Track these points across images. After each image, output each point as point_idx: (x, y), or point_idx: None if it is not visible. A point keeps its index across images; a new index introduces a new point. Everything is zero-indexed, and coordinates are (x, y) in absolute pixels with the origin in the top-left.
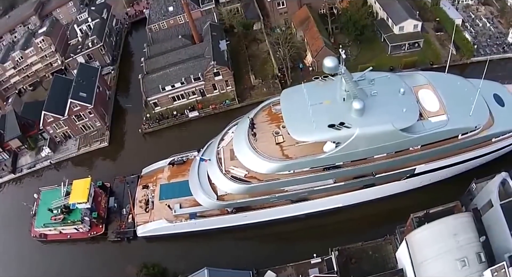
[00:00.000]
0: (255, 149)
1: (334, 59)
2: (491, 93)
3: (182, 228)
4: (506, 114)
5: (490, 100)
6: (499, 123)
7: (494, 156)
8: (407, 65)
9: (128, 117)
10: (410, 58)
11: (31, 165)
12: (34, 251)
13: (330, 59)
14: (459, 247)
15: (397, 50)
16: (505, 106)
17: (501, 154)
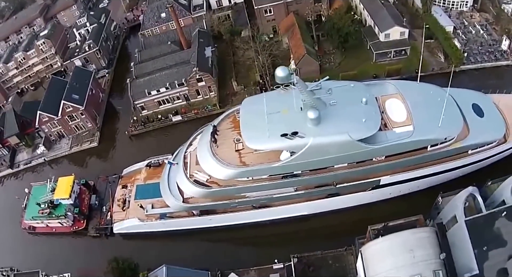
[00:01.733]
0: (215, 155)
1: (285, 68)
2: (470, 103)
3: (152, 227)
4: (484, 125)
5: (467, 110)
6: (476, 135)
7: (475, 168)
8: (391, 73)
9: (118, 119)
10: (394, 66)
11: (27, 161)
12: (24, 242)
13: (281, 69)
14: (414, 263)
15: (383, 57)
16: (484, 116)
17: (484, 166)
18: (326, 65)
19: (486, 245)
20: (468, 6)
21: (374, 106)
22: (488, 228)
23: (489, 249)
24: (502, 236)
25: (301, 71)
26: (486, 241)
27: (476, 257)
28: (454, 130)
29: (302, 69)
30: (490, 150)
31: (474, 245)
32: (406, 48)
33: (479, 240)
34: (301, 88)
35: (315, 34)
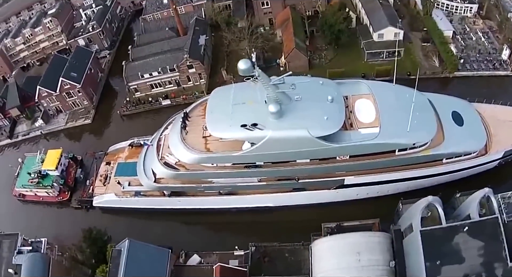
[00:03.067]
0: (183, 140)
1: (247, 61)
2: (450, 110)
3: (127, 203)
4: (462, 134)
5: (445, 117)
6: (451, 143)
7: (451, 178)
8: (380, 74)
9: (113, 99)
10: (384, 67)
11: (25, 133)
12: (15, 208)
13: (243, 62)
14: (359, 267)
15: (375, 57)
16: (464, 125)
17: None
18: (316, 61)
19: (440, 259)
20: (472, 12)
21: (339, 104)
22: (445, 242)
23: (442, 264)
24: (460, 252)
25: (290, 65)
26: (441, 255)
27: (426, 270)
28: (424, 136)
29: (291, 63)
30: (467, 161)
31: (427, 257)
32: (400, 49)
33: (433, 253)
34: (264, 82)
35: (308, 29)
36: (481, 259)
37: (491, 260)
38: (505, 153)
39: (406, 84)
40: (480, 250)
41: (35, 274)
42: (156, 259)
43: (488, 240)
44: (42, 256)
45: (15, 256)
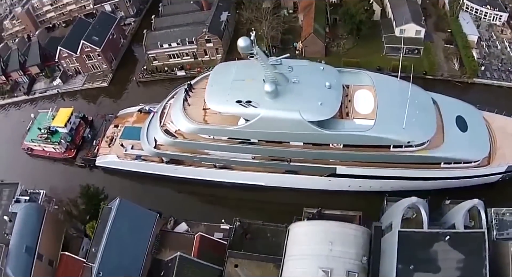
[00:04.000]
0: (184, 110)
1: (247, 39)
2: (455, 114)
3: (128, 166)
4: (464, 141)
5: (449, 120)
6: (450, 147)
7: (448, 185)
8: (396, 69)
9: (132, 66)
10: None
11: (43, 90)
12: (21, 161)
13: (242, 39)
14: (329, 256)
15: (394, 52)
16: (468, 132)
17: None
18: (333, 49)
19: (415, 264)
20: (501, 21)
21: (337, 91)
22: (423, 247)
23: (416, 270)
24: (437, 261)
25: (306, 49)
26: (416, 260)
27: (397, 273)
28: (420, 136)
29: (307, 47)
30: (466, 170)
31: (401, 259)
32: (419, 47)
33: (408, 256)
34: (261, 61)
35: (330, 16)
36: (458, 273)
37: (469, 275)
38: (509, 168)
39: (420, 82)
40: (459, 263)
41: (28, 223)
42: (143, 221)
43: (470, 254)
44: (38, 207)
45: (12, 204)
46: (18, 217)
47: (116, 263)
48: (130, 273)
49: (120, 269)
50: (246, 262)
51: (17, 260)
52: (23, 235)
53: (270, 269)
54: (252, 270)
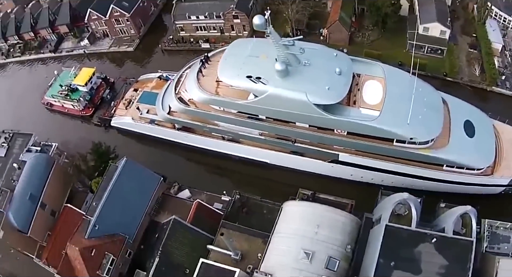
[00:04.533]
0: (198, 80)
1: (262, 17)
2: (464, 117)
3: (141, 129)
4: (469, 146)
5: (457, 123)
6: (454, 150)
7: (449, 190)
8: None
9: (160, 34)
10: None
11: (70, 49)
12: (40, 114)
13: (257, 17)
14: (314, 239)
15: (417, 49)
16: (474, 137)
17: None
18: (358, 39)
19: (396, 261)
20: None
21: (346, 78)
22: (408, 246)
23: (396, 267)
24: (419, 262)
25: (331, 36)
26: (398, 257)
27: (376, 267)
28: (424, 134)
29: (331, 34)
30: (468, 176)
31: (383, 254)
32: (442, 48)
33: (391, 252)
34: (274, 40)
35: (357, 6)
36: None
37: None
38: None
39: (439, 83)
40: (441, 269)
41: (35, 173)
42: (147, 182)
43: (454, 261)
44: (47, 158)
45: (23, 153)
46: (27, 166)
47: (113, 219)
48: (125, 230)
49: (116, 225)
50: (237, 234)
51: (20, 206)
52: (29, 183)
53: (258, 244)
54: (241, 242)
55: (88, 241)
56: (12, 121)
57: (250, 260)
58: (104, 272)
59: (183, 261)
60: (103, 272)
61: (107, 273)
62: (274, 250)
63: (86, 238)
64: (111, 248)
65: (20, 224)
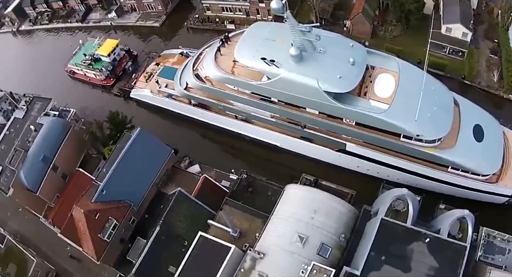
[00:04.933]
0: (215, 58)
1: (279, 1)
2: (474, 121)
3: (158, 102)
4: (475, 150)
5: (466, 126)
6: (460, 153)
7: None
8: (435, 66)
9: (187, 12)
10: (439, 60)
11: (97, 20)
12: (62, 81)
13: (275, 1)
14: (309, 224)
15: (438, 49)
16: (482, 142)
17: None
18: (380, 32)
19: (386, 256)
20: None
21: (359, 69)
22: (401, 242)
23: (386, 262)
24: (410, 260)
25: (354, 28)
26: (389, 253)
27: (366, 259)
28: (431, 132)
29: (354, 26)
30: (472, 181)
31: (374, 247)
32: (463, 50)
33: (383, 246)
34: (291, 25)
35: (382, 0)
36: None
37: None
38: None
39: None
40: (431, 270)
41: (51, 136)
42: (157, 154)
43: (445, 265)
44: (64, 123)
45: (41, 116)
46: (43, 129)
47: (121, 186)
48: (131, 198)
49: (123, 192)
50: (239, 213)
51: (32, 166)
52: (43, 145)
53: (257, 224)
54: (241, 221)
55: (94, 205)
56: (35, 86)
57: (248, 239)
58: (105, 236)
59: (183, 233)
60: (104, 236)
61: (108, 237)
62: (270, 231)
63: (93, 202)
64: (115, 213)
65: (30, 184)
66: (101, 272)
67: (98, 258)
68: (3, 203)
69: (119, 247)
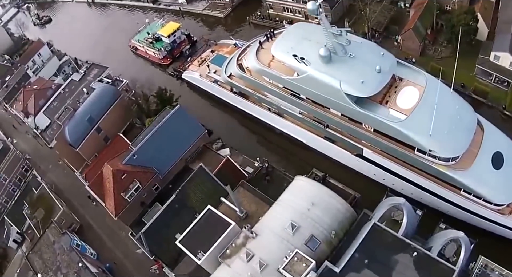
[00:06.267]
0: (257, 51)
1: (314, 3)
2: (496, 147)
3: (205, 85)
4: (491, 176)
5: (485, 151)
6: (473, 176)
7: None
8: (477, 92)
9: (252, 7)
10: (482, 87)
11: (167, 4)
12: (124, 54)
13: (311, 3)
14: (304, 215)
15: (485, 76)
16: (500, 170)
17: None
18: (430, 52)
19: (370, 260)
20: None
21: (383, 77)
22: (387, 250)
23: (368, 267)
24: (392, 270)
25: (403, 44)
26: (374, 258)
27: (349, 259)
28: (444, 150)
29: (404, 42)
30: (481, 208)
31: (360, 249)
32: (509, 80)
33: (368, 249)
34: (323, 26)
35: (436, 20)
36: None
37: None
38: None
39: (495, 114)
40: None
41: (99, 100)
42: (191, 131)
43: None
44: (114, 90)
45: (95, 82)
46: (94, 93)
47: (152, 154)
48: (159, 166)
49: (152, 160)
50: (250, 196)
51: (77, 124)
52: (91, 108)
53: (264, 209)
54: (250, 204)
55: (124, 166)
56: (99, 55)
57: (252, 221)
58: (127, 195)
59: (196, 205)
60: (126, 195)
61: (130, 197)
62: (269, 215)
63: (123, 163)
64: (140, 177)
65: (72, 139)
66: (121, 232)
67: (117, 215)
68: (47, 156)
69: (138, 209)
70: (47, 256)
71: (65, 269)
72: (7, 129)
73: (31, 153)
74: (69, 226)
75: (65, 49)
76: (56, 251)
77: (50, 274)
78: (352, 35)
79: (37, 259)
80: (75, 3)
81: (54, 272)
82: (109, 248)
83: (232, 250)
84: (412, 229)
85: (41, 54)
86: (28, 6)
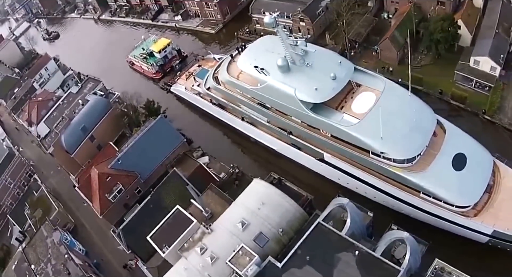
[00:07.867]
0: (228, 64)
1: (271, 17)
2: (457, 149)
3: (189, 98)
4: (451, 178)
5: (447, 154)
6: (430, 178)
7: (427, 219)
8: (456, 98)
9: (242, 23)
10: (461, 92)
11: (165, 21)
12: (121, 69)
13: (268, 17)
14: (254, 214)
15: (465, 82)
16: (462, 171)
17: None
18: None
19: (312, 257)
20: None
21: (337, 84)
22: (330, 249)
23: (309, 263)
24: (333, 268)
25: (382, 53)
26: (315, 256)
27: (292, 255)
28: (397, 151)
29: (382, 51)
30: (445, 212)
31: (303, 246)
32: (489, 84)
33: (311, 247)
34: (281, 38)
35: (415, 29)
36: None
37: None
38: (494, 233)
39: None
40: None
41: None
42: (171, 140)
43: None
44: (106, 103)
45: (89, 94)
46: (88, 104)
47: (134, 160)
48: (140, 171)
49: (135, 165)
50: (217, 198)
51: (72, 132)
52: (85, 118)
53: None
54: (216, 205)
55: (109, 169)
56: (102, 69)
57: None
58: (110, 196)
59: (169, 205)
60: (109, 196)
61: (113, 198)
62: (226, 214)
63: (109, 167)
64: (123, 180)
65: (68, 146)
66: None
67: (101, 213)
68: (48, 162)
69: (122, 210)
70: (40, 249)
71: (54, 260)
72: (15, 138)
73: (35, 160)
74: (64, 225)
75: (70, 63)
76: (48, 245)
77: (42, 265)
78: (313, 45)
79: (32, 252)
80: (83, 19)
81: (45, 263)
82: (98, 246)
83: (189, 244)
84: (359, 229)
85: (47, 68)
86: (38, 21)
